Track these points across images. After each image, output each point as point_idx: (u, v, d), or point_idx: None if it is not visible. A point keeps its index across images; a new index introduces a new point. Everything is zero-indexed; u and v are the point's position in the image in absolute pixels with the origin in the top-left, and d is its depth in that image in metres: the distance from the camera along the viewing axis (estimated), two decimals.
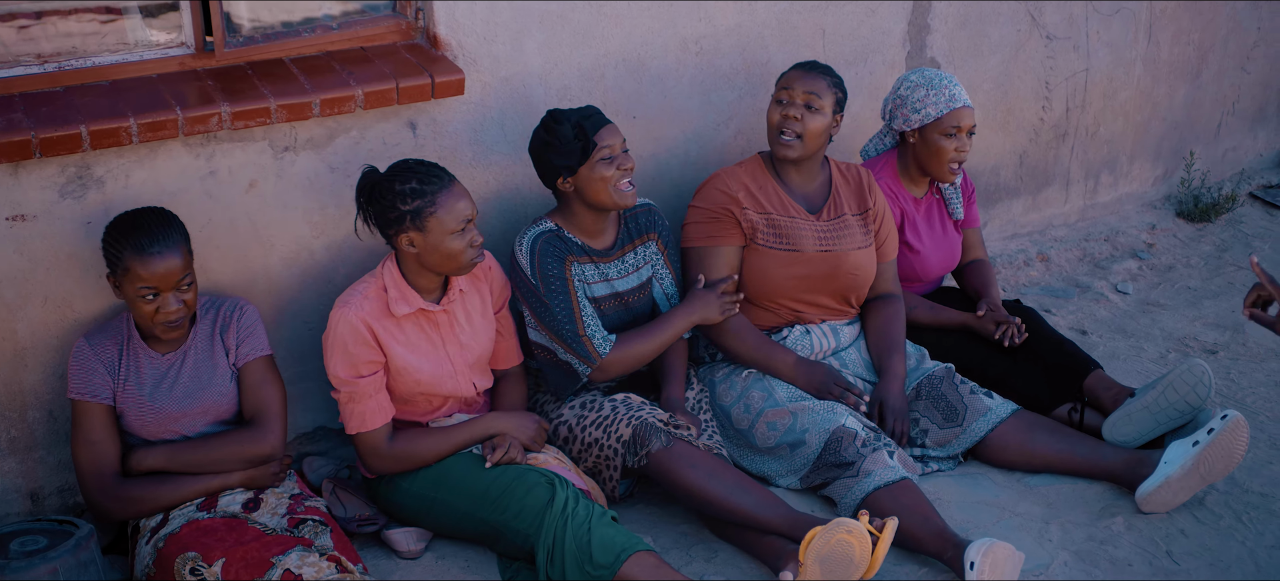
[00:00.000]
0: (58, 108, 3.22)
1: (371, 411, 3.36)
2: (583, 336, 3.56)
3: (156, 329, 3.15)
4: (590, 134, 3.50)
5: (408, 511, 3.46)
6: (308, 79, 3.48)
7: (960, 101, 3.98)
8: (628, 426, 3.46)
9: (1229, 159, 5.97)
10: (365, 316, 3.32)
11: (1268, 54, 5.86)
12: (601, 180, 3.53)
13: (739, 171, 3.83)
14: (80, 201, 3.29)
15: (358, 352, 3.32)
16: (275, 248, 3.59)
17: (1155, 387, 3.68)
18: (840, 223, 3.86)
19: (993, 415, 3.75)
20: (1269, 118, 6.05)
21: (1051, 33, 5.03)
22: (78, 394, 3.18)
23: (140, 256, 3.06)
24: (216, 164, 3.43)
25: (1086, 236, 5.42)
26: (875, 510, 3.38)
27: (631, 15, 3.98)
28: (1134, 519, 3.57)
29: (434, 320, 3.44)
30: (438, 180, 3.29)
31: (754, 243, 3.77)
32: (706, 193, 3.82)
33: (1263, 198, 5.91)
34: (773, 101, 3.79)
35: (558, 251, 3.59)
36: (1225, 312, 4.87)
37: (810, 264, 3.79)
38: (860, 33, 4.50)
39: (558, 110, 3.57)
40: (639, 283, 3.77)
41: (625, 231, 3.75)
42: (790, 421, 3.63)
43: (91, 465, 3.17)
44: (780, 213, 3.79)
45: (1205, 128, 5.79)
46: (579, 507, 3.19)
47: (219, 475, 3.23)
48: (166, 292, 3.10)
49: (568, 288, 3.57)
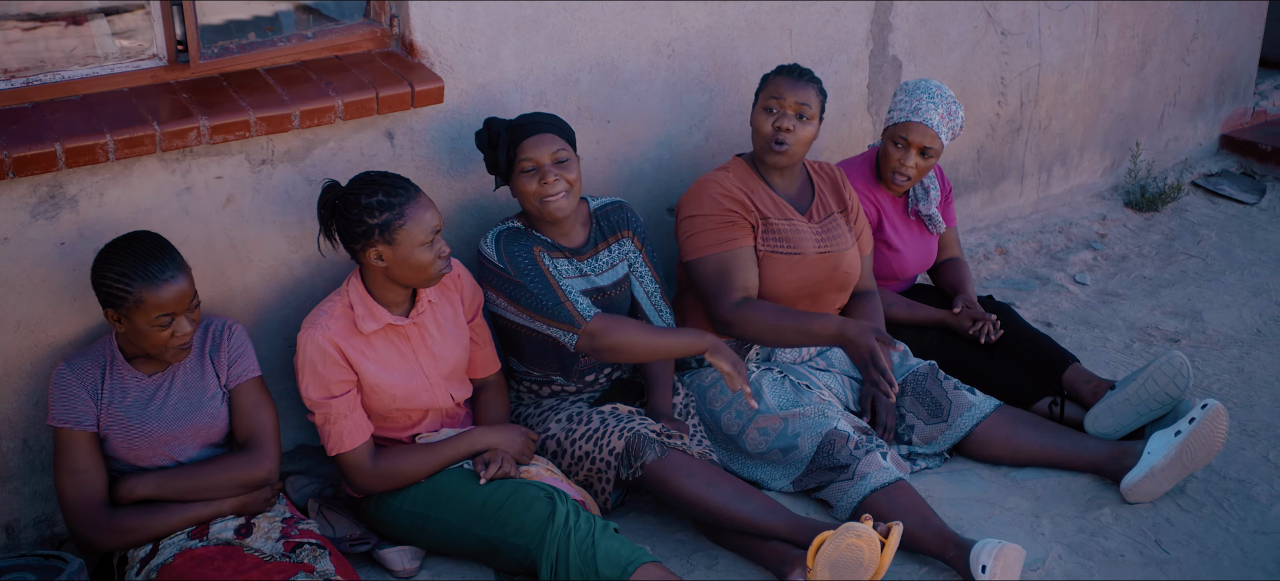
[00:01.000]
0: (28, 125, 3.09)
1: (348, 430, 3.28)
2: (564, 302, 3.44)
3: (170, 353, 3.05)
4: (513, 144, 3.45)
5: (399, 529, 3.38)
6: (285, 90, 3.39)
7: (918, 117, 3.97)
8: (620, 438, 3.42)
9: (1171, 148, 6.10)
10: (332, 336, 3.24)
11: (1205, 46, 5.99)
12: (524, 194, 3.49)
13: (727, 176, 3.76)
14: (53, 222, 3.17)
15: (328, 373, 3.24)
16: (253, 264, 3.50)
17: (1136, 380, 3.74)
18: (830, 222, 3.85)
19: (977, 411, 3.78)
20: (1207, 107, 6.19)
21: (1006, 29, 5.09)
22: (60, 421, 3.06)
23: (154, 285, 2.95)
24: (193, 179, 3.33)
25: (1041, 228, 5.50)
26: (873, 512, 3.37)
27: (605, 18, 3.94)
28: (1120, 509, 3.62)
29: (404, 334, 3.37)
30: (404, 192, 3.21)
31: (757, 247, 3.72)
32: (702, 199, 3.73)
33: (1204, 186, 6.05)
34: (759, 109, 3.73)
35: (523, 240, 3.52)
36: (1182, 301, 4.97)
37: (811, 267, 3.77)
38: (825, 32, 4.51)
39: (492, 118, 3.52)
40: (616, 279, 3.70)
41: (597, 229, 3.69)
42: (782, 426, 3.62)
43: (77, 495, 3.05)
44: (778, 216, 3.76)
45: (1149, 119, 5.90)
46: (581, 521, 3.15)
47: (212, 502, 3.13)
48: (180, 316, 3.02)
49: (539, 265, 3.48)
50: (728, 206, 3.69)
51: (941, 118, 3.96)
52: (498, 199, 3.88)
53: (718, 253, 3.67)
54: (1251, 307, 4.91)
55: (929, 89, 4.02)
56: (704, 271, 3.67)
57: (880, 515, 3.35)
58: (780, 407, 3.65)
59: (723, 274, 3.65)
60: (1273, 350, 4.57)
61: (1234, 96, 6.32)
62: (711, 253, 3.67)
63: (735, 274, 3.65)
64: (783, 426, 3.62)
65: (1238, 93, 6.33)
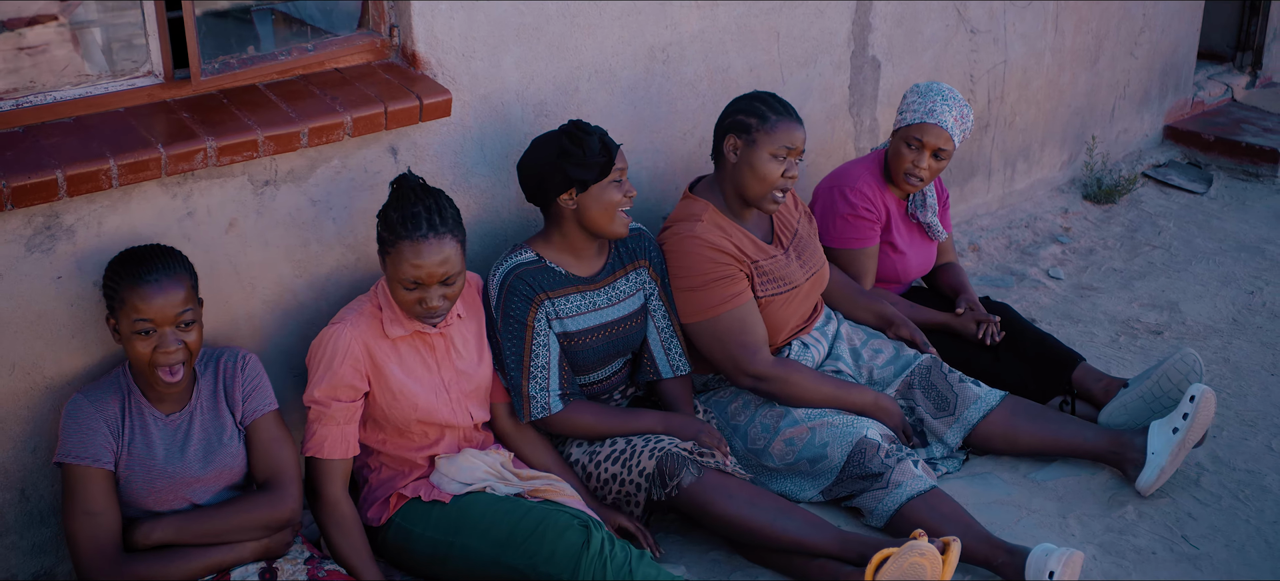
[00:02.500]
0: (24, 151, 2.87)
1: (335, 438, 3.11)
2: (523, 389, 3.36)
3: (153, 375, 2.83)
4: (614, 150, 3.34)
5: (419, 559, 3.20)
6: (290, 106, 3.20)
7: (932, 118, 3.93)
8: (651, 458, 3.31)
9: (1121, 140, 6.18)
10: (361, 334, 3.11)
11: (1151, 40, 6.09)
12: (609, 204, 3.36)
13: (703, 228, 3.56)
14: (49, 255, 2.94)
15: (342, 373, 3.08)
16: (257, 290, 3.30)
17: (1150, 377, 3.75)
18: (799, 242, 3.78)
19: (983, 402, 3.74)
20: (1152, 100, 6.30)
21: (975, 27, 5.10)
22: (74, 458, 2.82)
23: (136, 286, 2.77)
24: (194, 204, 3.13)
25: (1009, 224, 5.52)
26: (913, 521, 3.32)
27: (603, 23, 3.82)
28: (1142, 507, 3.62)
29: (430, 344, 3.23)
30: (412, 227, 3.03)
31: (757, 295, 3.60)
32: (693, 262, 3.54)
33: (1155, 177, 6.14)
34: (767, 156, 3.50)
35: (526, 290, 3.37)
36: (1157, 293, 5.02)
37: (804, 294, 3.72)
38: (810, 34, 4.46)
39: (580, 121, 3.38)
40: (631, 310, 3.56)
41: (616, 256, 3.56)
42: (809, 436, 3.54)
43: (91, 540, 2.82)
44: (763, 257, 3.64)
45: (1102, 112, 5.98)
46: (617, 549, 3.02)
47: (234, 546, 2.93)
48: (165, 329, 2.80)
49: (525, 334, 3.35)
50: (721, 262, 3.54)
51: (955, 120, 3.93)
52: (501, 215, 3.75)
53: (729, 311, 3.54)
54: (1224, 297, 4.98)
55: (942, 91, 3.98)
56: (717, 330, 3.55)
57: (921, 524, 3.30)
58: (807, 418, 3.57)
59: (741, 330, 3.54)
60: (1252, 338, 4.64)
61: (1176, 88, 6.44)
62: (723, 311, 3.54)
63: (753, 328, 3.56)
64: (810, 436, 3.54)
65: (1179, 84, 6.45)
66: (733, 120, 3.57)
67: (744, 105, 3.59)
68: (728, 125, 3.59)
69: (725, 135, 3.59)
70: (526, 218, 3.80)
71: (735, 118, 3.57)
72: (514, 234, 3.78)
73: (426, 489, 3.23)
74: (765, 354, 3.56)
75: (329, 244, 3.39)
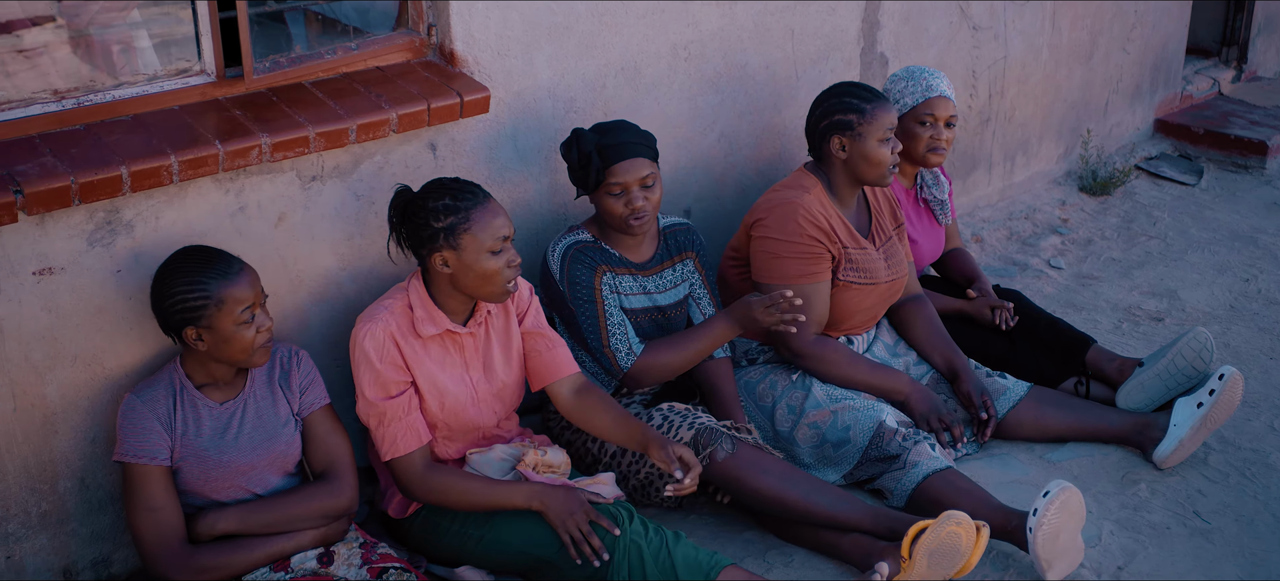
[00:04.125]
0: (87, 148, 2.96)
1: (403, 433, 3.16)
2: (607, 349, 3.52)
3: (257, 354, 2.96)
4: (604, 165, 3.44)
5: (448, 550, 3.29)
6: (337, 103, 3.30)
7: (936, 91, 4.09)
8: (689, 430, 3.42)
9: (1115, 134, 6.34)
10: (392, 331, 3.15)
11: (1143, 34, 6.25)
12: (608, 212, 3.50)
13: (811, 201, 3.71)
14: (109, 249, 3.03)
15: (385, 370, 3.13)
16: (304, 283, 3.40)
17: (1164, 357, 3.89)
18: (891, 246, 3.91)
19: (1012, 394, 3.89)
20: (1144, 93, 6.45)
21: (977, 23, 5.23)
22: (132, 456, 2.92)
23: (230, 280, 2.88)
24: (246, 199, 3.22)
25: (1009, 216, 5.66)
26: (931, 495, 3.44)
27: (629, 21, 3.93)
28: (1155, 484, 3.76)
29: (460, 343, 3.28)
30: (472, 196, 3.12)
31: (836, 278, 3.74)
32: (788, 224, 3.68)
33: (1147, 169, 6.30)
34: (875, 144, 3.67)
35: (589, 261, 3.53)
36: (1156, 281, 5.17)
37: (880, 293, 3.86)
38: (823, 31, 4.58)
39: (581, 130, 3.48)
40: (677, 299, 3.71)
41: (665, 247, 3.70)
42: (831, 419, 3.67)
43: (155, 534, 2.92)
44: (854, 245, 3.78)
45: (1096, 106, 6.13)
46: (651, 532, 3.12)
47: (294, 535, 3.03)
48: (258, 307, 2.95)
49: (595, 296, 3.51)
50: (813, 236, 3.68)
51: (948, 88, 4.12)
52: (533, 208, 3.85)
53: (801, 284, 3.68)
54: (1220, 285, 5.14)
55: (923, 68, 4.17)
56: None
57: (939, 500, 3.42)
58: (829, 400, 3.69)
59: (804, 305, 3.65)
60: (1249, 324, 4.80)
61: (1166, 82, 6.60)
62: (795, 282, 3.67)
63: (815, 307, 3.70)
64: (832, 419, 3.66)
65: (1169, 78, 6.61)
66: (831, 121, 3.72)
67: (836, 104, 3.73)
68: (827, 127, 3.73)
69: (829, 138, 3.73)
70: (558, 212, 3.91)
71: (833, 119, 3.72)
72: (546, 227, 3.89)
73: None
74: (811, 332, 3.71)
75: (372, 237, 3.48)
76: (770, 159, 4.52)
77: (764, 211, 3.75)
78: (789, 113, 4.53)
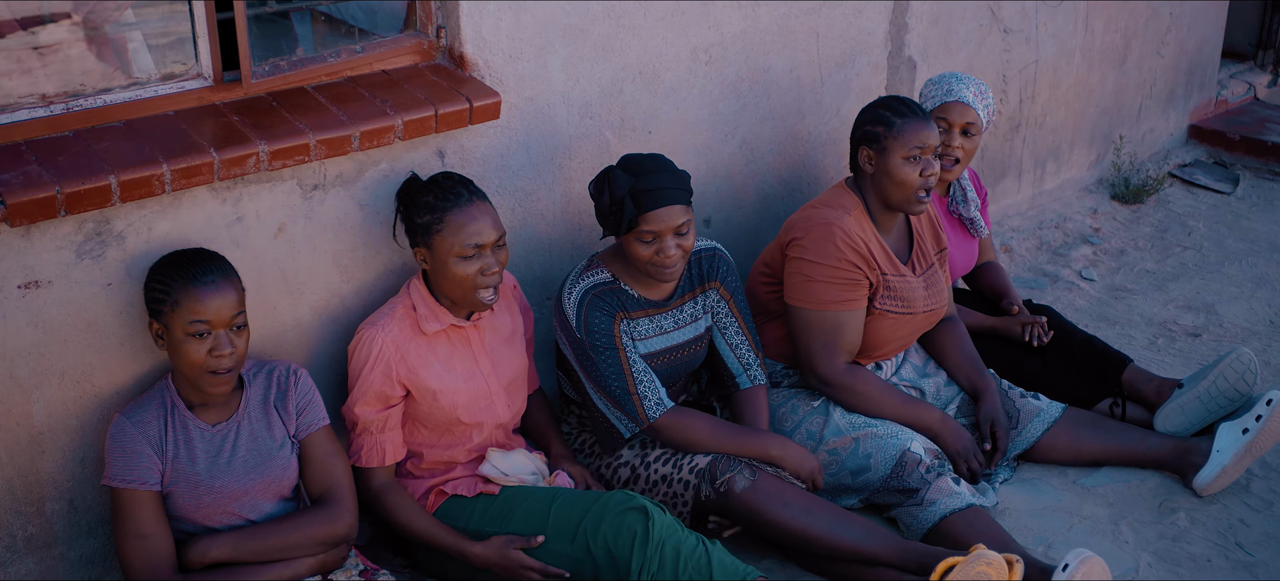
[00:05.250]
0: (76, 156, 2.81)
1: (370, 448, 3.11)
2: (634, 396, 3.29)
3: (204, 379, 2.77)
4: (639, 211, 3.19)
5: (457, 570, 3.16)
6: (340, 109, 3.15)
7: (954, 95, 3.93)
8: (705, 457, 3.27)
9: (1147, 140, 6.15)
10: (394, 338, 3.07)
11: (1177, 38, 6.06)
12: (635, 255, 3.28)
13: (850, 222, 3.51)
14: (99, 262, 2.88)
15: (371, 380, 3.06)
16: (305, 296, 3.25)
17: (1205, 378, 3.71)
18: (932, 274, 3.72)
19: (1046, 416, 3.72)
20: (1177, 99, 6.26)
21: (1008, 26, 5.06)
22: (121, 481, 2.78)
23: (192, 286, 2.72)
24: (244, 209, 3.08)
25: (1039, 224, 5.48)
26: (950, 535, 3.28)
27: (648, 24, 3.77)
28: (1195, 512, 3.59)
29: (466, 336, 3.20)
30: (454, 197, 3.04)
31: (872, 305, 3.56)
32: (827, 246, 3.48)
33: (1181, 177, 6.11)
34: (900, 160, 3.46)
35: (607, 306, 3.31)
36: (1192, 294, 4.99)
37: (916, 324, 3.68)
38: (849, 34, 4.41)
39: (613, 170, 3.23)
40: (695, 335, 3.49)
41: (687, 279, 3.48)
42: (852, 447, 3.50)
43: (144, 562, 2.77)
44: (894, 273, 3.58)
45: (1129, 111, 5.94)
46: (687, 532, 2.97)
47: (290, 562, 2.88)
48: (219, 331, 2.75)
49: (616, 344, 3.30)
50: (852, 261, 3.48)
51: (974, 95, 3.93)
52: (546, 217, 3.69)
53: (836, 311, 3.49)
54: (1259, 299, 4.95)
55: (954, 74, 4.00)
56: (815, 323, 3.51)
57: (958, 539, 3.25)
58: (851, 427, 3.52)
59: (835, 333, 3.50)
60: None
61: (1201, 87, 6.40)
62: (829, 309, 3.49)
63: (847, 335, 3.52)
64: (853, 447, 3.50)
65: (1204, 83, 6.42)
66: (862, 132, 3.55)
67: (870, 115, 3.56)
68: (858, 138, 3.57)
69: (858, 148, 3.57)
70: (570, 222, 3.76)
71: (864, 129, 3.55)
72: (557, 238, 3.73)
73: (469, 485, 3.20)
74: (842, 362, 3.52)
75: (376, 248, 3.34)
76: (793, 166, 4.35)
77: (801, 230, 3.55)
78: (813, 119, 4.36)
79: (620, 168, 3.25)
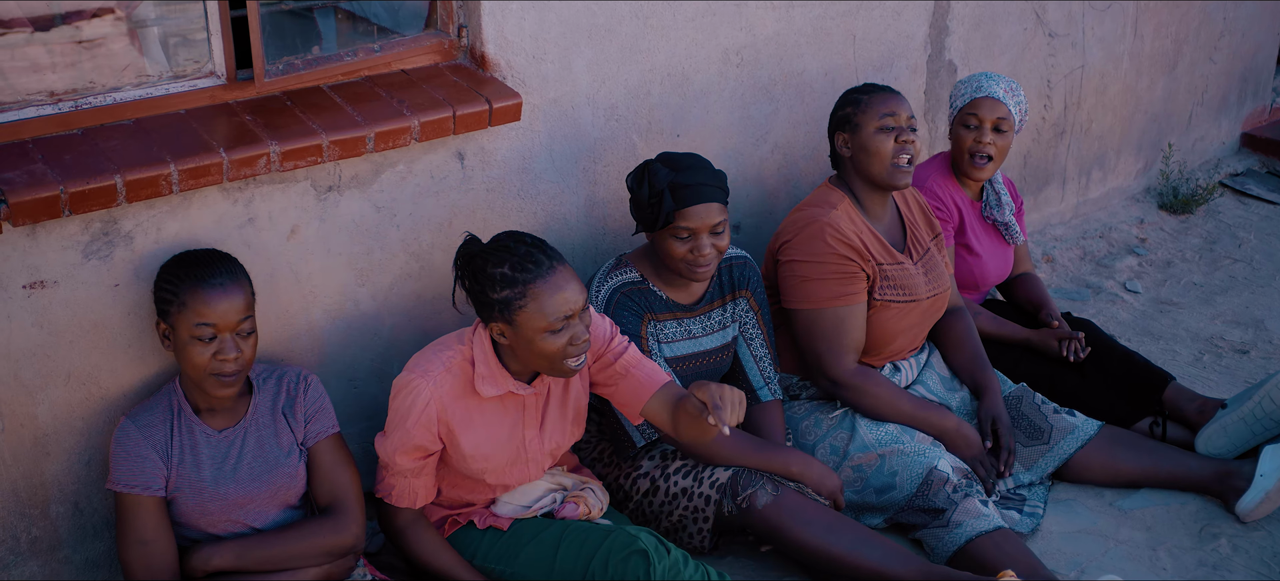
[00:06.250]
0: (82, 155, 2.76)
1: (402, 490, 2.94)
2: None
3: (209, 382, 2.71)
4: (677, 206, 3.12)
5: None
6: (356, 109, 3.08)
7: (984, 91, 3.83)
8: (726, 470, 3.17)
9: (1198, 148, 5.97)
10: (442, 396, 2.85)
11: (1231, 44, 5.87)
12: (669, 253, 3.21)
13: (838, 217, 3.44)
14: (106, 262, 2.83)
15: (412, 431, 2.85)
16: (318, 299, 3.18)
17: (1250, 399, 3.57)
18: (929, 260, 3.63)
19: (1080, 433, 3.59)
20: (1230, 106, 6.08)
21: (1053, 30, 4.91)
22: (125, 486, 2.73)
23: (200, 288, 2.67)
24: (256, 210, 3.01)
25: (1083, 234, 5.33)
26: (977, 558, 3.17)
27: (677, 25, 3.67)
28: (1237, 539, 3.45)
29: (521, 403, 2.98)
30: (535, 267, 2.76)
31: (873, 297, 3.47)
32: (817, 245, 3.41)
33: (1232, 186, 5.93)
34: (872, 132, 3.41)
35: (635, 307, 3.25)
36: (1241, 309, 4.82)
37: (922, 311, 3.56)
38: (886, 37, 4.29)
39: (652, 163, 3.17)
40: (723, 342, 3.41)
41: (717, 285, 3.41)
42: (877, 464, 3.40)
43: (145, 569, 2.72)
44: (889, 261, 3.50)
45: (1179, 119, 5.77)
46: (693, 568, 2.87)
47: (294, 573, 2.81)
48: (226, 335, 2.69)
49: (641, 346, 3.22)
50: (844, 255, 3.40)
51: (1005, 91, 3.84)
52: (570, 223, 3.61)
53: (836, 307, 3.40)
54: None
55: (985, 73, 3.93)
56: (817, 324, 3.42)
57: (986, 562, 3.14)
58: (878, 443, 3.41)
59: (838, 330, 3.40)
60: None
61: (1255, 94, 6.21)
62: (829, 306, 3.40)
63: (851, 332, 3.42)
64: (879, 464, 3.39)
65: (1258, 90, 6.23)
66: (835, 121, 3.54)
67: (839, 103, 3.56)
68: (833, 125, 3.55)
69: (834, 138, 3.54)
70: (594, 226, 3.67)
71: (836, 117, 3.54)
72: (582, 244, 3.65)
73: (480, 517, 3.08)
74: (852, 361, 3.42)
75: (393, 251, 3.27)
76: (829, 172, 4.24)
77: (789, 233, 3.48)
78: None
79: (660, 162, 3.20)
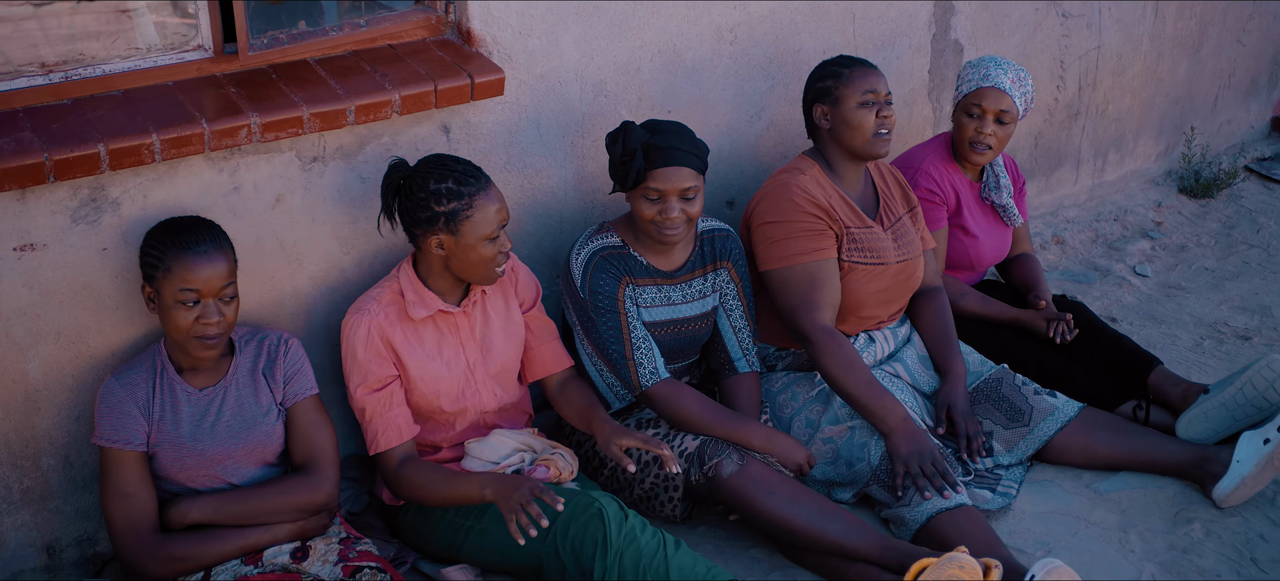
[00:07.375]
0: (69, 124, 2.88)
1: (385, 428, 3.10)
2: (629, 360, 3.32)
3: (191, 344, 2.84)
4: (647, 166, 3.23)
5: (437, 541, 3.19)
6: (339, 83, 3.18)
7: (990, 81, 3.84)
8: (694, 440, 3.25)
9: (1224, 132, 5.91)
10: (379, 322, 3.09)
11: (1261, 25, 5.80)
12: (640, 214, 3.31)
13: (806, 179, 3.52)
14: (94, 226, 2.96)
15: (369, 363, 3.08)
16: (304, 267, 3.30)
17: (1232, 384, 3.57)
18: (901, 228, 3.67)
19: (1060, 415, 3.61)
20: (1260, 89, 6.00)
21: (1067, 10, 4.89)
22: (108, 440, 2.86)
23: (184, 255, 2.78)
24: (241, 179, 3.13)
25: (1097, 217, 5.31)
26: (937, 535, 3.20)
27: (668, 2, 3.72)
28: (1211, 524, 3.45)
29: (454, 323, 3.20)
30: (475, 181, 3.05)
31: (841, 259, 3.52)
32: (785, 205, 3.49)
33: (1258, 171, 5.86)
34: (854, 105, 3.47)
35: (614, 270, 3.35)
36: (1249, 295, 4.79)
37: (892, 276, 3.60)
38: (888, 15, 4.31)
39: (631, 124, 3.27)
40: (703, 311, 3.49)
41: (698, 254, 3.49)
42: (848, 436, 3.45)
43: (126, 520, 2.86)
44: (858, 224, 3.56)
45: (1203, 101, 5.71)
46: (648, 536, 2.94)
47: (269, 527, 2.93)
48: (209, 300, 2.81)
49: (618, 307, 3.33)
50: (812, 212, 3.47)
51: (1012, 82, 3.84)
52: (557, 195, 3.69)
53: (806, 262, 3.46)
54: None
55: (995, 59, 3.93)
56: (789, 281, 3.47)
57: (945, 540, 3.17)
58: (848, 416, 3.46)
59: (810, 285, 3.45)
60: None
61: None
62: (799, 262, 3.46)
63: (823, 288, 3.46)
64: (849, 436, 3.44)
65: None
66: (813, 92, 3.59)
67: (817, 74, 3.61)
68: (810, 98, 3.60)
69: (811, 109, 3.59)
70: (583, 200, 3.75)
71: (815, 88, 3.59)
72: (570, 217, 3.73)
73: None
74: (824, 317, 3.45)
75: (377, 220, 3.36)
76: None
77: (758, 199, 3.58)
78: None
79: (642, 125, 3.31)
